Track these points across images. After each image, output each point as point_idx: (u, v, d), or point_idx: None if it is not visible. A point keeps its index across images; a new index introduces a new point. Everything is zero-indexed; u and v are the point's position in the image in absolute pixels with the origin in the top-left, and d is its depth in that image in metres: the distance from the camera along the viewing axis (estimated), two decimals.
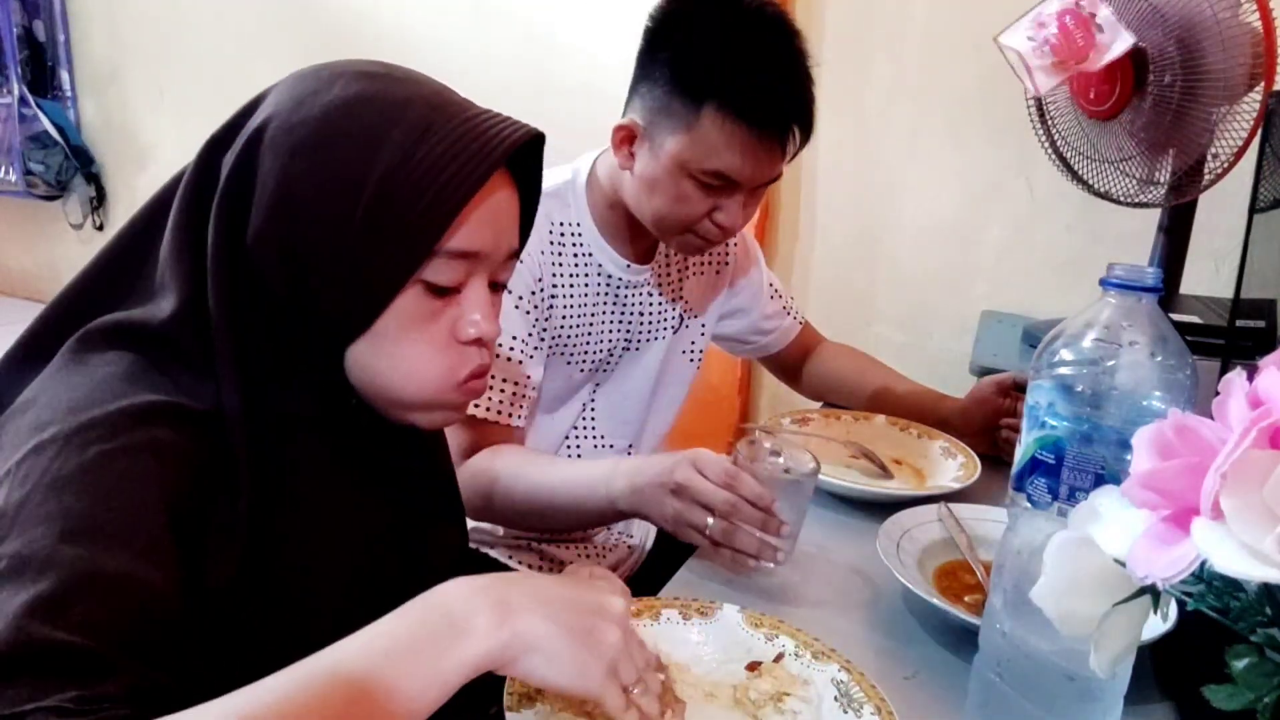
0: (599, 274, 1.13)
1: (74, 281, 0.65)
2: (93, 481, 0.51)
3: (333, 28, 2.96)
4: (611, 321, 1.16)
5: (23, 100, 3.51)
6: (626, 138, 1.04)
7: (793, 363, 1.43)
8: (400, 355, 0.62)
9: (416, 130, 0.58)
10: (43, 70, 3.57)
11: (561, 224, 1.11)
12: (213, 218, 0.59)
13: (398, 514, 0.72)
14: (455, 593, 0.54)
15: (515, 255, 0.68)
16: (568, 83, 2.71)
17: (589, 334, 1.14)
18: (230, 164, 0.59)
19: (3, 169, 3.57)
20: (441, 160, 0.58)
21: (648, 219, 1.06)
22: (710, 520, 0.83)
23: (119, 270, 0.64)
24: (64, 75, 3.59)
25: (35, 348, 0.62)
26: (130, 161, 3.58)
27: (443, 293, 0.62)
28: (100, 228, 3.52)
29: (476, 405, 1.03)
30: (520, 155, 0.65)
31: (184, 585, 0.52)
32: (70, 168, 3.58)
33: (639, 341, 1.20)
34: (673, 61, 0.99)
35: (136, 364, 0.59)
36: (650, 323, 1.20)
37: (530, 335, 1.07)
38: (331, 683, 0.48)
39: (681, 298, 1.23)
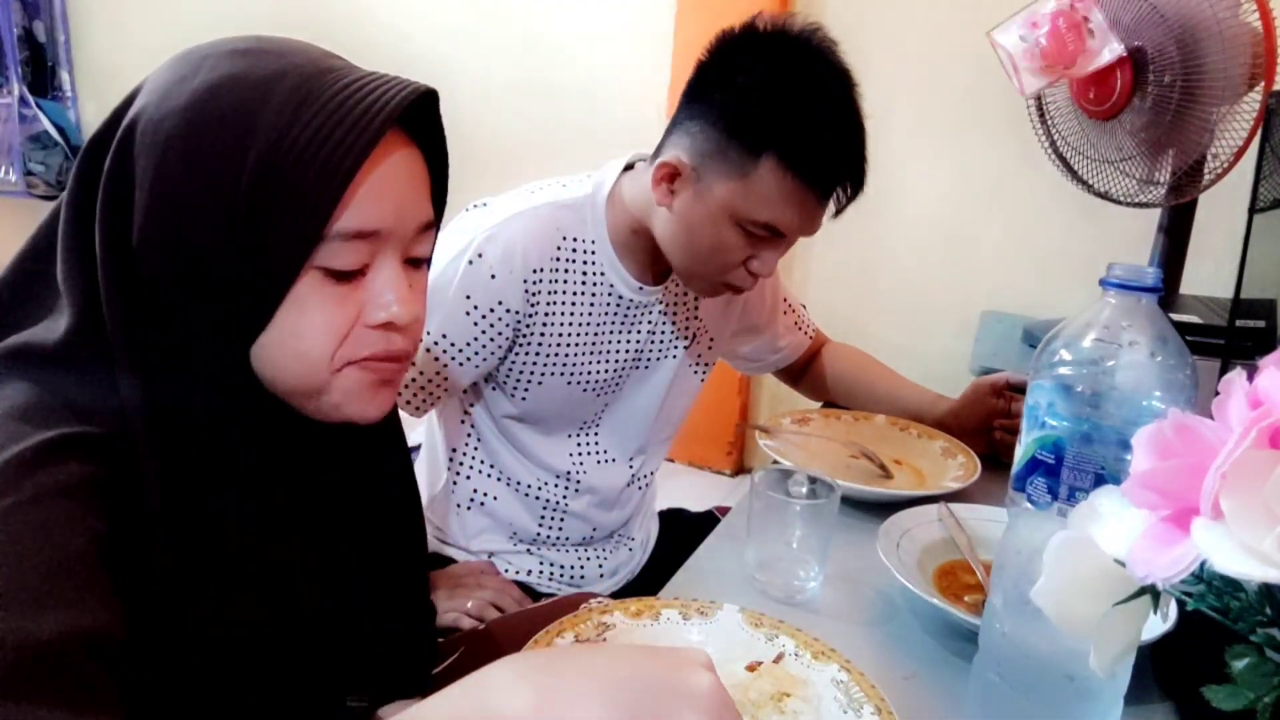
0: (609, 294, 1.09)
1: None
2: (10, 540, 0.47)
3: (333, 27, 2.96)
4: (619, 341, 1.12)
5: (23, 100, 3.51)
6: (669, 175, 0.98)
7: (796, 367, 1.43)
8: (304, 346, 0.58)
9: (290, 106, 0.54)
10: (43, 70, 3.57)
11: (575, 240, 1.06)
12: (97, 225, 0.56)
13: (339, 520, 0.68)
14: (499, 677, 0.48)
15: (431, 226, 0.63)
16: (567, 84, 2.71)
17: (592, 353, 1.10)
18: (107, 166, 0.56)
19: (3, 169, 3.57)
20: (320, 135, 0.54)
21: (678, 260, 1.02)
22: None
23: (21, 288, 0.60)
24: (64, 75, 3.59)
25: None
26: None
27: (345, 277, 0.57)
28: None
29: None
30: (421, 117, 0.61)
31: (126, 621, 0.49)
32: (70, 168, 3.58)
33: (649, 360, 1.16)
34: (729, 104, 0.94)
35: (31, 394, 0.55)
36: (662, 342, 1.16)
37: (468, 345, 1.02)
38: None
39: (696, 317, 1.19)
